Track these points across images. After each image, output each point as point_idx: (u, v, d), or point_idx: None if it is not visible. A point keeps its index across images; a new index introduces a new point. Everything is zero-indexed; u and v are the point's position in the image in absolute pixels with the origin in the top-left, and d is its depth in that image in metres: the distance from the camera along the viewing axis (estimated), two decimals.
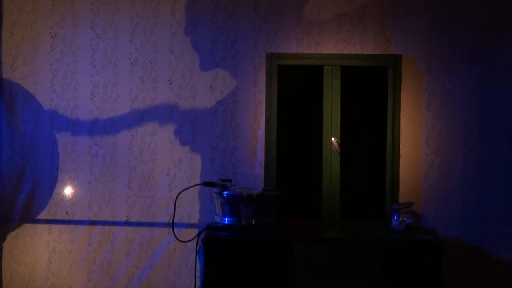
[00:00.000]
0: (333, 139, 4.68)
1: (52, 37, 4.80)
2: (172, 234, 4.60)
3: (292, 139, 4.75)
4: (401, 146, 4.67)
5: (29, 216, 4.83)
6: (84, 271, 4.82)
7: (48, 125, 4.81)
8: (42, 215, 4.83)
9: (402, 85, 4.67)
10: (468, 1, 4.67)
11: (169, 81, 4.77)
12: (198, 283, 4.50)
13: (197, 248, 4.48)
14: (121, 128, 4.79)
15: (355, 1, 4.70)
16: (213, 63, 4.75)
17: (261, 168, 4.72)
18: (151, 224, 4.79)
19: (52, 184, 4.82)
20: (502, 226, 4.67)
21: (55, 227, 4.83)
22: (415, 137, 4.69)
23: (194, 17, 4.74)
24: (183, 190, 4.60)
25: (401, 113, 4.67)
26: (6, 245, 4.84)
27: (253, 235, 4.33)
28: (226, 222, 4.42)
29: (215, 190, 4.47)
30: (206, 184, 4.50)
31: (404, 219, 4.43)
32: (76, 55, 4.80)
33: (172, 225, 4.58)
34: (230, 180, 4.57)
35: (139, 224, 4.80)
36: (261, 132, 4.73)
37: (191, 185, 4.69)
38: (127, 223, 4.80)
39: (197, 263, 4.49)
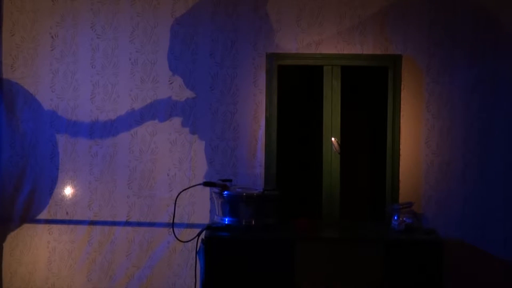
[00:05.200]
0: (333, 139, 4.68)
1: (52, 37, 4.80)
2: (172, 234, 4.60)
3: (292, 139, 4.75)
4: (401, 146, 4.67)
5: (29, 216, 4.83)
6: (84, 271, 4.82)
7: (48, 125, 4.81)
8: (42, 215, 4.83)
9: (402, 85, 4.67)
10: (468, 1, 4.67)
11: (169, 81, 4.77)
12: (198, 283, 4.50)
13: (197, 248, 4.48)
14: (121, 128, 4.79)
15: (355, 1, 4.70)
16: (213, 63, 4.75)
17: (261, 168, 4.72)
18: (151, 224, 4.79)
19: (52, 184, 4.82)
20: (502, 226, 4.67)
21: (55, 227, 4.83)
22: (415, 137, 4.69)
23: (194, 17, 4.75)
24: (183, 190, 4.60)
25: (401, 113, 4.67)
26: (6, 245, 4.84)
27: (253, 235, 4.32)
28: (226, 222, 4.42)
29: (215, 190, 4.48)
30: (206, 184, 4.51)
31: (404, 219, 4.43)
32: (76, 55, 4.80)
33: (172, 225, 4.57)
34: (230, 180, 4.57)
35: (139, 224, 4.80)
36: (261, 132, 4.73)
37: (191, 185, 4.70)
38: (127, 223, 4.80)
39: (197, 263, 4.49)
